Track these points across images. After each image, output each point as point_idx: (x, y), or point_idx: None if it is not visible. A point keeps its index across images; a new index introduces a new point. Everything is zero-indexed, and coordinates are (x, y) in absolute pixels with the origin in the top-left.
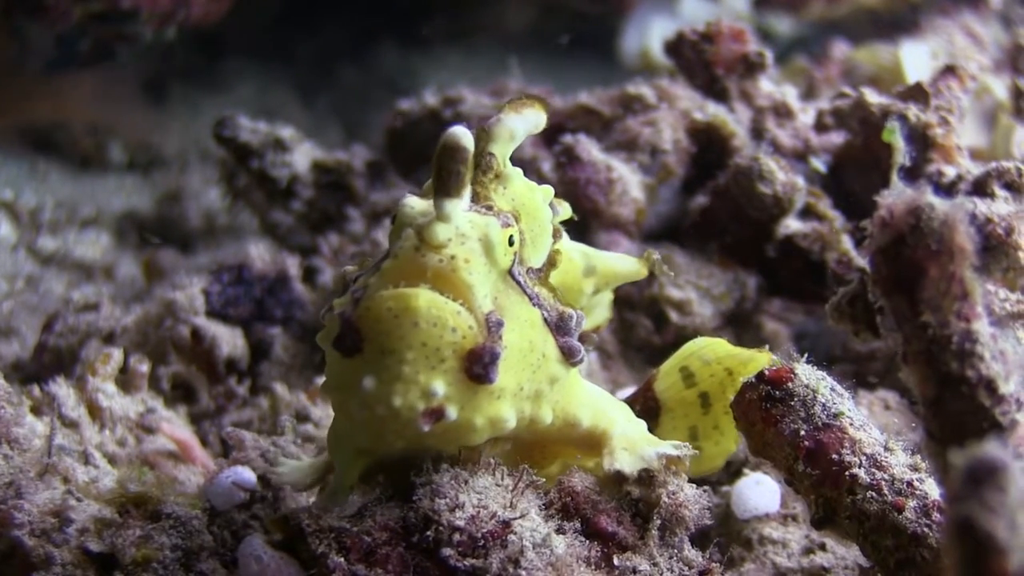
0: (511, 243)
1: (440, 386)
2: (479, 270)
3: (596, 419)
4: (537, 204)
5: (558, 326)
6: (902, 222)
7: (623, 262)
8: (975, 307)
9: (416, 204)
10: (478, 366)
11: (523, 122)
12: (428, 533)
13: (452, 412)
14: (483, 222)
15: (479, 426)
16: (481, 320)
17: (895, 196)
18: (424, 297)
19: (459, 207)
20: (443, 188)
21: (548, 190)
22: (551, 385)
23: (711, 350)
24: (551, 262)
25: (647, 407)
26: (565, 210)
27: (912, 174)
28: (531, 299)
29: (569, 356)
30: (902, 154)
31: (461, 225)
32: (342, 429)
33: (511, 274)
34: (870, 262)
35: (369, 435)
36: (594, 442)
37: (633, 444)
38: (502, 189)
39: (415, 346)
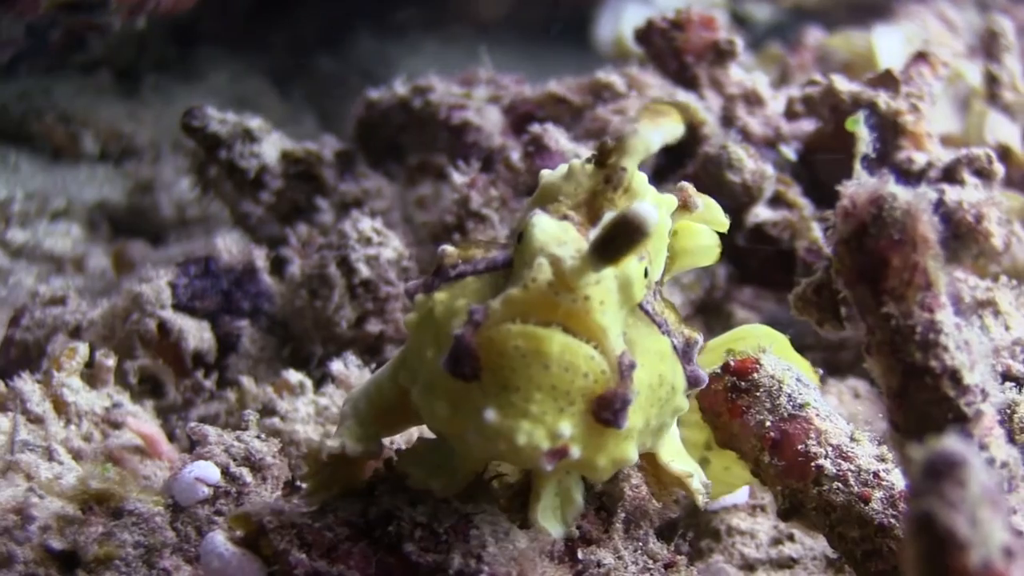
0: (645, 275)
1: (567, 428)
2: (613, 310)
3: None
4: (661, 217)
5: (685, 353)
6: (864, 212)
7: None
8: (939, 297)
9: (548, 227)
10: (607, 412)
11: (660, 135)
12: (390, 528)
13: (576, 452)
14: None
15: (602, 466)
16: (614, 363)
17: (858, 186)
18: (558, 342)
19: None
20: (605, 255)
21: (672, 201)
22: (674, 417)
23: (767, 342)
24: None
25: None
26: (708, 207)
27: (882, 161)
28: (660, 327)
29: (694, 385)
30: (866, 144)
31: None
32: (451, 440)
33: (641, 305)
34: (833, 252)
35: (483, 455)
36: None
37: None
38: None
39: (544, 388)
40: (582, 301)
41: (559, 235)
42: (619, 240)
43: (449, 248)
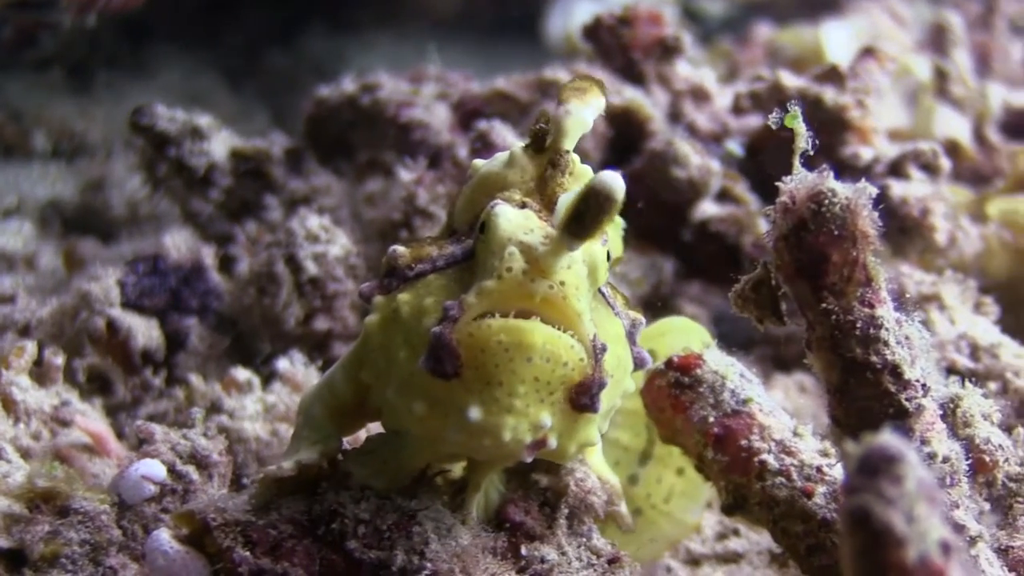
0: (608, 257)
1: (548, 419)
2: (585, 295)
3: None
4: None
5: (630, 334)
6: (804, 207)
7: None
8: (879, 292)
9: (512, 216)
10: (585, 397)
11: (591, 111)
12: (333, 525)
13: (553, 441)
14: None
15: (571, 452)
16: (589, 349)
17: (797, 181)
18: (540, 333)
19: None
20: (580, 232)
21: None
22: (622, 398)
23: (687, 338)
24: None
25: None
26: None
27: (828, 156)
28: (614, 310)
29: (639, 367)
30: (804, 139)
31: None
32: (413, 432)
33: (599, 288)
34: (773, 248)
35: (459, 451)
36: None
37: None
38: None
39: (527, 381)
40: (558, 287)
41: (524, 223)
42: (591, 213)
43: (400, 248)
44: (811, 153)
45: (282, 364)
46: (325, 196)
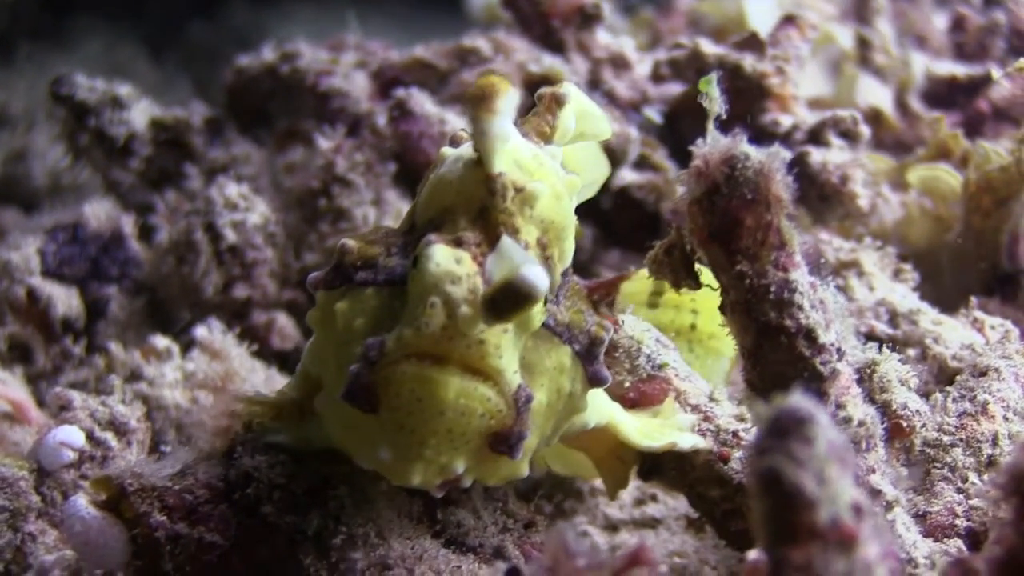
0: (545, 302)
1: (460, 465)
2: (509, 349)
3: (599, 417)
4: (564, 210)
5: (588, 352)
6: (717, 172)
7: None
8: (793, 256)
9: (443, 260)
10: (503, 446)
11: (504, 118)
12: (248, 491)
13: (468, 481)
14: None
15: (493, 484)
16: (510, 400)
17: (711, 146)
18: (453, 388)
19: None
20: (495, 318)
21: (576, 183)
22: (571, 417)
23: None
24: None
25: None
26: (585, 115)
27: (747, 123)
28: (562, 337)
29: (596, 384)
30: (718, 104)
31: None
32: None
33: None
34: (687, 212)
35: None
36: (593, 435)
37: (650, 432)
38: (528, 211)
39: (439, 432)
40: (476, 346)
41: (453, 270)
42: (507, 304)
43: (350, 243)
44: (724, 119)
45: (200, 332)
46: (244, 165)
